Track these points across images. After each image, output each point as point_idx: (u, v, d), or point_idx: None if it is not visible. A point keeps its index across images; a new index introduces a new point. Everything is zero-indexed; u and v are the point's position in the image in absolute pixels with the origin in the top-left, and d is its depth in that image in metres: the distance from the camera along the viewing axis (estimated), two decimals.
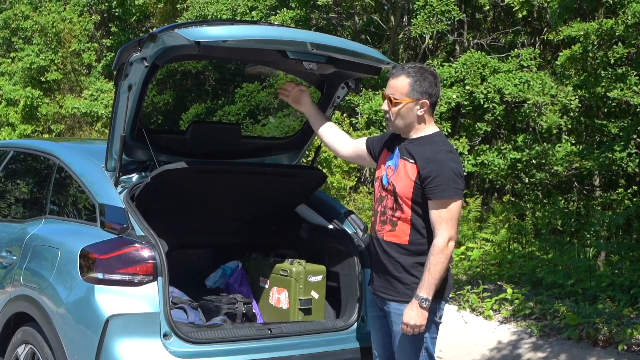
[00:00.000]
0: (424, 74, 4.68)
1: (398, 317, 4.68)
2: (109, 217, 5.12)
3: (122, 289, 4.84)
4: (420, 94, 4.65)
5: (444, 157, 4.57)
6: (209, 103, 16.65)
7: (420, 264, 4.60)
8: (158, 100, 18.18)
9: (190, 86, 19.12)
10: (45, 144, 6.25)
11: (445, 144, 4.68)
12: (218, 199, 5.96)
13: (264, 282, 5.99)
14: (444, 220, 4.49)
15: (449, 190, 4.50)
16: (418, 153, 4.63)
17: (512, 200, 13.83)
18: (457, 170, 4.56)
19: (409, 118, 4.68)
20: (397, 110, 4.66)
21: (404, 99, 4.65)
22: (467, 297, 9.48)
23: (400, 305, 4.67)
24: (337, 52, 5.20)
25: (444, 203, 4.50)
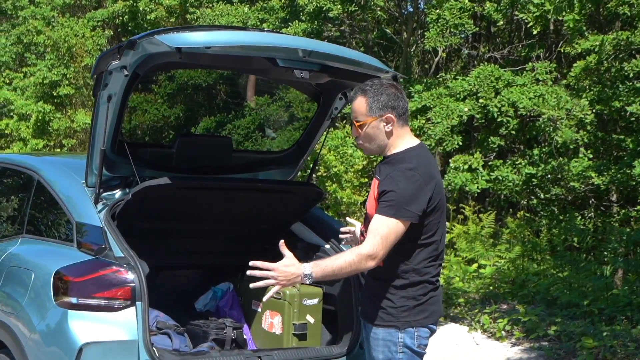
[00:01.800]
0: (380, 88, 4.31)
1: (374, 341, 4.38)
2: (85, 237, 4.81)
3: (97, 314, 4.53)
4: (380, 109, 4.28)
5: (401, 175, 4.20)
6: (218, 116, 16.41)
7: (395, 288, 4.30)
8: (169, 114, 17.97)
9: (202, 100, 18.90)
10: (25, 159, 5.95)
11: (412, 160, 4.27)
12: (207, 217, 5.63)
13: (256, 306, 5.65)
14: (378, 235, 4.14)
15: (394, 209, 4.14)
16: (384, 170, 4.31)
17: (527, 216, 13.46)
18: (412, 190, 4.17)
19: (378, 137, 4.32)
20: (363, 132, 4.32)
21: (366, 119, 4.30)
22: (479, 318, 9.14)
23: (375, 328, 4.36)
24: (332, 59, 4.87)
25: (386, 220, 4.15)
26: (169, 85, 18.33)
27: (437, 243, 4.35)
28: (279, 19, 16.83)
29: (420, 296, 4.31)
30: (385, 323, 4.32)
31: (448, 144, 12.79)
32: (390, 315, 4.30)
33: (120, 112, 4.92)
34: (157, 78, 18.93)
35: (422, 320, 4.33)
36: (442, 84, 13.85)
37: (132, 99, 18.92)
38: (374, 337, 4.38)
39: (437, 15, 13.80)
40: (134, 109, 19.04)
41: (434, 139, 12.74)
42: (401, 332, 4.29)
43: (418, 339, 4.35)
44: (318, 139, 5.81)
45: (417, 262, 4.29)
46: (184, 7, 20.25)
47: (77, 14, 24.42)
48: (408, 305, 4.29)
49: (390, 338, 4.31)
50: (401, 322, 4.29)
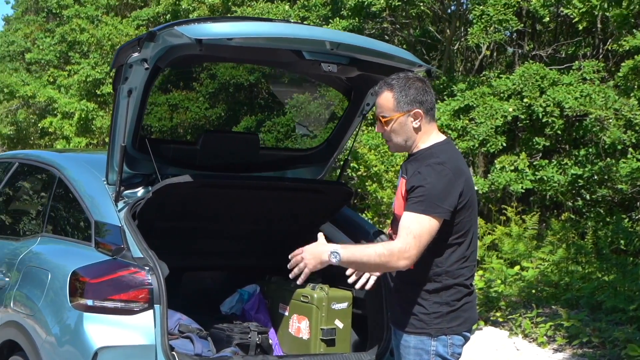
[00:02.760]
0: (407, 82, 4.09)
1: (404, 349, 4.15)
2: (104, 237, 4.64)
3: (114, 317, 4.35)
4: (408, 104, 4.05)
5: (430, 169, 3.97)
6: (259, 115, 16.27)
7: (427, 292, 4.07)
8: (210, 114, 17.93)
9: (243, 99, 18.79)
10: (48, 155, 5.79)
11: (441, 154, 4.06)
12: (233, 217, 5.43)
13: (283, 309, 5.44)
14: (411, 233, 3.90)
15: (424, 205, 3.91)
16: (411, 168, 4.08)
17: (572, 217, 13.11)
18: (442, 185, 3.95)
19: (405, 133, 4.09)
20: (390, 128, 4.09)
21: (393, 115, 4.07)
22: (520, 322, 8.86)
23: (407, 335, 4.13)
24: (361, 52, 4.64)
25: (417, 217, 3.92)
26: (210, 84, 18.25)
27: (470, 243, 4.10)
28: (320, 16, 16.65)
29: (455, 301, 4.09)
30: (417, 330, 4.09)
31: (492, 145, 12.51)
32: (422, 322, 4.08)
33: (141, 107, 4.73)
34: (198, 76, 18.89)
35: (456, 327, 4.11)
36: (486, 83, 13.56)
37: (174, 96, 18.81)
38: (404, 344, 4.15)
39: (481, 11, 13.53)
40: (176, 106, 19.02)
41: (478, 140, 12.47)
42: (434, 339, 4.07)
43: (451, 347, 4.12)
44: (349, 137, 5.58)
45: (449, 263, 4.05)
46: (226, 5, 20.14)
47: (122, 13, 24.43)
48: (441, 312, 4.07)
49: (422, 346, 4.08)
50: (434, 329, 4.07)
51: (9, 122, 25.17)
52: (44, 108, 24.06)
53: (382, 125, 4.11)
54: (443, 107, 13.06)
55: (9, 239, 5.61)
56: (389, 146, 4.20)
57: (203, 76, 17.72)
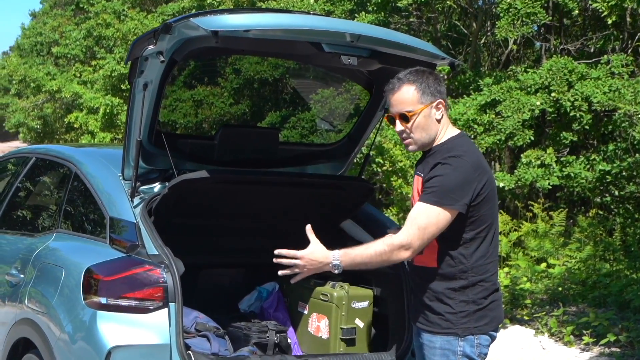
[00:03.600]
0: (423, 74, 4.02)
1: (430, 350, 4.04)
2: (119, 233, 4.54)
3: (127, 316, 4.25)
4: (432, 95, 3.97)
5: (447, 162, 3.89)
6: (284, 111, 16.17)
7: (453, 290, 3.97)
8: (235, 110, 17.88)
9: (268, 94, 18.69)
10: (64, 150, 5.71)
11: (459, 147, 3.97)
12: (251, 213, 5.33)
13: (302, 307, 5.33)
14: (415, 224, 3.84)
15: (438, 195, 3.82)
16: (427, 164, 3.99)
17: (600, 214, 12.92)
18: (460, 177, 3.86)
19: (430, 127, 4.00)
20: (415, 124, 3.98)
21: (417, 108, 3.97)
22: (546, 321, 8.69)
23: (432, 336, 4.03)
24: (382, 44, 4.51)
25: (427, 208, 3.83)
26: (235, 80, 18.16)
27: (492, 237, 4.03)
28: (345, 10, 16.52)
29: (481, 300, 3.99)
30: (443, 330, 3.99)
31: (519, 139, 12.34)
32: (448, 321, 3.98)
33: (157, 101, 4.64)
34: (223, 71, 18.79)
35: (483, 326, 4.00)
36: (512, 77, 13.38)
37: (198, 92, 18.72)
38: (430, 345, 4.04)
39: (509, 4, 13.35)
40: (200, 102, 18.95)
41: (504, 133, 12.31)
42: (461, 340, 3.97)
43: (478, 347, 4.02)
44: (371, 132, 5.46)
45: (475, 259, 3.95)
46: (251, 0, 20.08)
47: (148, 8, 24.42)
48: (468, 310, 3.97)
49: (449, 347, 3.98)
50: (461, 329, 3.97)
51: (35, 115, 25.26)
52: (71, 103, 24.10)
53: (402, 122, 4.00)
54: (469, 101, 12.90)
55: (25, 235, 5.54)
56: (407, 146, 4.07)
57: (227, 71, 17.67)
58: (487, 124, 12.66)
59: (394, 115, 4.03)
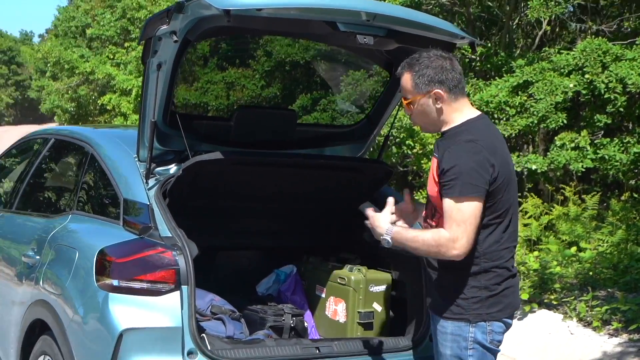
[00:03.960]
0: (426, 61, 3.90)
1: (442, 335, 3.97)
2: (132, 215, 4.50)
3: (139, 298, 4.20)
4: (426, 85, 3.88)
5: (460, 148, 3.79)
6: (315, 94, 16.08)
7: (466, 276, 3.88)
8: (267, 94, 17.81)
9: (300, 76, 18.59)
10: (81, 131, 5.68)
11: (472, 132, 3.86)
12: (268, 195, 5.26)
13: (320, 291, 5.27)
14: (454, 222, 3.73)
15: (459, 187, 3.73)
16: (442, 146, 3.90)
17: (635, 197, 12.71)
18: (474, 162, 3.76)
19: (429, 114, 3.93)
20: (414, 110, 3.96)
21: (414, 97, 3.92)
22: (575, 305, 8.55)
23: (444, 321, 3.95)
24: (399, 23, 4.41)
25: (456, 201, 3.74)
26: (266, 62, 18.07)
27: (509, 224, 3.92)
28: None
29: (495, 285, 3.89)
30: (455, 316, 3.91)
31: (551, 122, 12.15)
32: (460, 307, 3.89)
33: (171, 82, 4.58)
34: (255, 53, 18.71)
35: (496, 313, 3.91)
36: (546, 59, 13.18)
37: (230, 74, 18.65)
38: (442, 330, 3.97)
39: None
40: (232, 84, 18.88)
41: (537, 116, 12.12)
42: (472, 326, 3.88)
43: (491, 334, 3.92)
44: (390, 113, 5.37)
45: (487, 245, 3.85)
46: None
47: None
48: (480, 297, 3.87)
49: (460, 332, 3.90)
50: (472, 315, 3.88)
51: (69, 97, 25.37)
52: (105, 84, 24.18)
53: (407, 107, 3.97)
54: (501, 83, 12.72)
55: (42, 216, 5.53)
56: (418, 127, 4.02)
57: (259, 53, 17.60)
58: (519, 107, 12.49)
59: (402, 99, 4.03)
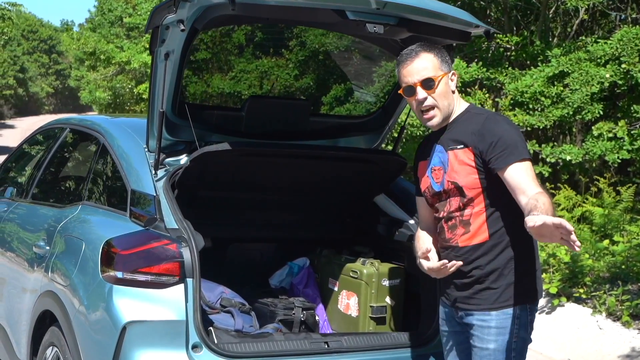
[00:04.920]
0: (435, 45, 4.00)
1: (482, 331, 3.83)
2: (138, 206, 4.45)
3: (143, 291, 4.15)
4: (448, 64, 3.92)
5: (494, 121, 3.77)
6: (348, 84, 15.98)
7: (510, 259, 3.78)
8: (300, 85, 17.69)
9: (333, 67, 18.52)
10: (95, 120, 5.64)
11: (486, 110, 3.94)
12: (281, 187, 5.20)
13: (333, 284, 5.19)
14: (535, 180, 3.64)
15: (517, 152, 3.68)
16: (463, 133, 3.83)
17: None
18: (516, 130, 3.78)
19: (449, 96, 3.90)
20: (437, 91, 3.86)
21: (438, 74, 3.87)
22: (604, 300, 8.38)
23: (484, 315, 3.81)
24: (410, 12, 4.30)
25: (523, 165, 3.66)
26: (300, 51, 18.01)
27: None
28: None
29: (532, 268, 3.85)
30: (499, 305, 3.79)
31: (587, 113, 11.93)
32: (504, 294, 3.78)
33: (179, 71, 4.52)
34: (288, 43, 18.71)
35: (533, 296, 3.86)
36: (582, 48, 12.94)
37: (262, 63, 18.70)
38: (481, 325, 3.83)
39: None
40: (266, 73, 18.86)
41: (572, 107, 11.91)
42: (516, 317, 3.79)
43: (531, 323, 3.86)
44: (406, 104, 5.26)
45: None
46: None
47: None
48: (523, 281, 3.79)
49: (505, 324, 3.79)
50: (516, 299, 3.78)
51: (106, 87, 25.48)
52: (143, 74, 24.24)
53: (428, 89, 3.85)
54: (537, 73, 12.51)
55: (54, 206, 5.51)
56: (429, 120, 3.90)
57: (293, 43, 17.53)
58: (555, 97, 12.29)
59: (414, 84, 3.87)
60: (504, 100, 13.31)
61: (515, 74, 13.43)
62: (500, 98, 13.80)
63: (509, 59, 14.08)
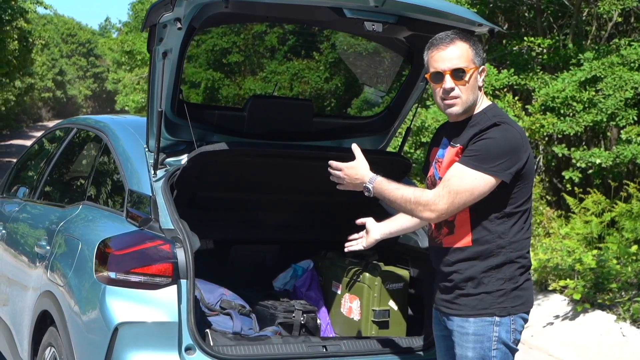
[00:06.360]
0: (472, 37, 3.81)
1: (461, 337, 3.74)
2: (134, 206, 4.41)
3: (136, 292, 4.10)
4: (481, 59, 3.75)
5: (494, 130, 3.62)
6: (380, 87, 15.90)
7: (490, 268, 3.67)
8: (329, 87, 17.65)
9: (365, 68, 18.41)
10: (101, 120, 5.61)
11: (502, 115, 3.72)
12: (283, 188, 5.13)
13: (336, 287, 5.11)
14: (447, 187, 3.60)
15: (479, 159, 3.56)
16: (466, 134, 3.70)
17: None
18: (506, 146, 3.59)
19: (476, 90, 3.75)
20: (467, 82, 3.70)
21: (471, 67, 3.71)
22: (629, 306, 8.21)
23: (464, 320, 3.73)
24: (410, 10, 4.21)
25: (463, 171, 3.58)
26: (330, 54, 17.95)
27: (529, 212, 3.75)
28: None
29: (519, 277, 3.71)
30: (478, 312, 3.70)
31: (621, 119, 11.70)
32: (484, 302, 3.69)
33: (178, 70, 4.47)
34: (320, 46, 18.61)
35: (519, 306, 3.72)
36: (615, 52, 12.73)
37: (293, 65, 18.55)
38: (460, 331, 3.75)
39: None
40: (297, 75, 18.78)
41: (606, 113, 11.68)
42: (496, 324, 3.68)
43: (514, 332, 3.73)
44: (412, 104, 5.18)
45: (512, 234, 3.68)
46: None
47: None
48: (505, 289, 3.68)
49: (484, 332, 3.69)
50: (497, 309, 3.68)
51: (140, 89, 25.59)
52: None
53: (457, 79, 3.69)
54: (568, 77, 12.32)
55: (57, 206, 5.50)
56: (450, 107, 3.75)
57: (324, 46, 17.49)
58: (587, 102, 12.10)
59: (443, 71, 3.70)
60: (535, 104, 13.16)
61: (546, 79, 13.27)
62: (530, 104, 13.64)
63: (541, 62, 13.91)
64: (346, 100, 16.67)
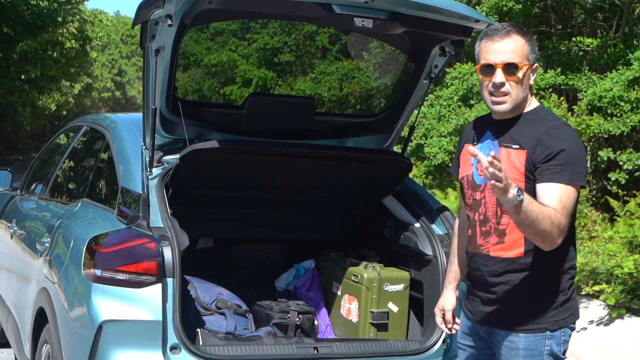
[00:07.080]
0: (528, 33, 3.55)
1: (510, 352, 3.54)
2: (125, 204, 4.38)
3: (122, 290, 4.07)
4: (535, 56, 3.54)
5: (562, 132, 3.42)
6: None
7: (543, 281, 3.49)
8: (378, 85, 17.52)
9: None
10: (108, 118, 5.61)
11: (556, 117, 3.54)
12: (283, 187, 5.06)
13: (336, 288, 5.04)
14: (565, 208, 3.30)
15: (568, 173, 3.34)
16: (524, 134, 3.47)
17: None
18: (581, 149, 3.43)
19: (526, 88, 3.54)
20: (519, 79, 3.49)
21: (525, 63, 3.50)
22: None
23: (514, 335, 3.53)
24: (402, 5, 4.10)
25: (565, 188, 3.33)
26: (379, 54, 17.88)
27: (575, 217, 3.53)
28: None
29: (567, 289, 3.54)
30: (530, 327, 3.51)
31: None
32: (535, 316, 3.51)
33: (171, 67, 4.43)
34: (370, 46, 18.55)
35: (569, 318, 3.55)
36: None
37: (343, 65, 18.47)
38: (509, 345, 3.55)
39: None
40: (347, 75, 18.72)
41: None
42: (548, 338, 3.52)
43: (564, 344, 3.56)
44: (416, 103, 5.07)
45: (571, 243, 3.51)
46: None
47: None
48: (557, 302, 3.51)
49: (535, 346, 3.51)
50: (550, 322, 3.51)
51: (191, 89, 25.69)
52: (228, 77, 24.41)
53: (509, 74, 3.48)
54: (617, 76, 12.06)
55: (61, 203, 5.52)
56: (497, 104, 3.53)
57: (373, 46, 17.42)
58: (635, 102, 11.83)
59: (495, 64, 3.48)
60: (581, 104, 12.91)
61: (594, 79, 13.01)
62: (576, 104, 13.39)
63: (589, 62, 13.65)
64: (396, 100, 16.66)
